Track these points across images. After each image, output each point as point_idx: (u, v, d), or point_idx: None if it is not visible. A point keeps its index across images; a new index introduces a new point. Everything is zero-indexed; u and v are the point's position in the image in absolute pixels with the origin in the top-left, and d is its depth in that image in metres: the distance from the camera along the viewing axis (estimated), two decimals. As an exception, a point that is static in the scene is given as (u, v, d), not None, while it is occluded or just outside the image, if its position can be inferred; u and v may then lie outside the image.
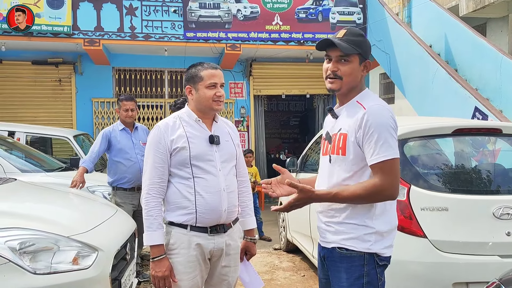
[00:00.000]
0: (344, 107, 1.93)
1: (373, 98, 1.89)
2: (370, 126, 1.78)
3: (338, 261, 1.86)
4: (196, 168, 2.18)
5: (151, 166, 2.21)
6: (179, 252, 2.19)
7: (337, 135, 1.90)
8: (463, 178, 2.99)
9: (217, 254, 2.25)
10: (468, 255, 2.72)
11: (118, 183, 4.18)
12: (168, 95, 9.50)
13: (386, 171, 1.77)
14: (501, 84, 6.45)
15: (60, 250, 2.37)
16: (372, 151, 1.78)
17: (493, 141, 3.37)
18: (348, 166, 1.85)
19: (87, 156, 4.17)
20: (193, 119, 2.26)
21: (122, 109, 4.22)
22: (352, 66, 1.87)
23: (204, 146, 2.22)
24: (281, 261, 5.12)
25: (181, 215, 2.19)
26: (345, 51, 1.85)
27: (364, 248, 1.82)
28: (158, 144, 2.20)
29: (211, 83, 2.21)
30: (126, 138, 4.24)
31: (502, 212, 2.74)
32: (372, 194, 1.78)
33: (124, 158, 4.17)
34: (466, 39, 7.35)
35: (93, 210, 3.08)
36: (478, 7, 10.59)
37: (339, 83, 1.88)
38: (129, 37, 8.25)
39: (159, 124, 2.26)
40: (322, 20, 8.57)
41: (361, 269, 1.82)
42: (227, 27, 8.38)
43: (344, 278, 1.84)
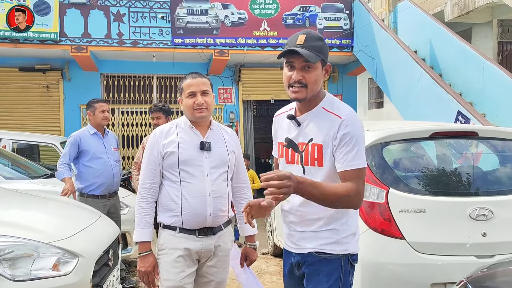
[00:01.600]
0: (309, 115, 1.88)
1: (343, 105, 1.89)
2: (347, 134, 1.78)
3: (317, 264, 1.89)
4: (183, 172, 2.29)
5: (145, 169, 2.36)
6: (167, 252, 2.30)
7: (308, 145, 1.86)
8: (439, 181, 3.05)
9: (205, 255, 2.34)
10: (445, 256, 2.77)
11: (89, 189, 4.03)
12: (156, 101, 9.49)
13: (360, 179, 1.80)
14: (484, 88, 6.56)
15: (40, 257, 2.38)
16: (346, 157, 1.78)
17: (476, 144, 3.43)
18: (323, 176, 1.84)
19: (63, 168, 3.96)
20: (187, 126, 2.39)
21: (98, 111, 4.12)
22: (317, 73, 1.82)
23: (193, 151, 2.33)
24: (269, 265, 5.14)
25: (169, 217, 2.31)
26: (311, 60, 1.78)
27: (341, 250, 1.87)
28: (152, 148, 2.35)
29: (189, 92, 2.34)
30: (98, 143, 4.13)
31: (478, 213, 2.79)
32: (347, 197, 1.76)
33: (97, 163, 4.05)
34: (451, 44, 7.47)
35: (76, 216, 3.09)
36: (462, 12, 10.74)
37: (305, 92, 1.82)
38: (117, 43, 8.27)
39: (155, 131, 2.42)
40: (309, 26, 8.64)
41: (339, 270, 1.87)
42: (215, 33, 8.44)
43: (324, 280, 1.87)
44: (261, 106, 12.06)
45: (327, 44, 1.92)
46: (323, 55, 1.84)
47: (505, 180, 3.08)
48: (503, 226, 2.81)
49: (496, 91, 6.33)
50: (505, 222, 2.82)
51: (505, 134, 3.11)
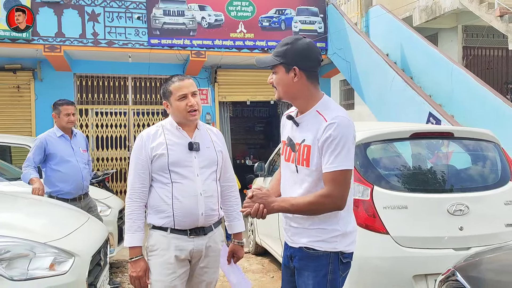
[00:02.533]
0: (305, 117, 1.97)
1: (333, 108, 1.93)
2: (330, 136, 1.82)
3: (306, 259, 1.96)
4: (174, 174, 2.28)
5: (133, 173, 2.33)
6: (158, 254, 2.28)
7: (301, 145, 1.95)
8: (420, 178, 3.23)
9: (196, 255, 2.34)
10: (426, 249, 2.95)
11: (58, 193, 3.90)
12: (132, 102, 9.43)
13: (336, 181, 1.83)
14: (453, 91, 6.89)
15: (36, 257, 2.39)
16: (327, 160, 1.84)
17: (446, 144, 3.64)
18: (311, 177, 1.91)
19: (29, 169, 3.83)
20: (174, 127, 2.37)
21: (63, 114, 3.97)
22: (278, 77, 1.93)
23: (182, 152, 2.32)
24: (250, 264, 5.23)
25: (161, 218, 2.30)
26: (259, 65, 1.99)
27: (330, 248, 1.92)
28: (140, 152, 2.32)
29: (180, 95, 2.31)
30: (65, 145, 4.00)
31: (455, 209, 2.98)
32: (319, 203, 1.85)
33: (65, 167, 3.92)
34: (420, 48, 7.78)
35: (66, 217, 3.08)
36: (430, 18, 11.18)
37: (277, 93, 1.99)
38: (92, 43, 8.16)
39: (142, 134, 2.38)
40: (285, 29, 8.81)
41: (327, 267, 1.92)
42: (191, 34, 8.46)
43: (311, 276, 1.94)
44: (237, 107, 12.15)
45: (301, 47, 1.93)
46: (284, 59, 1.91)
47: (479, 177, 3.30)
48: (478, 220, 3.01)
49: (464, 93, 6.66)
50: (480, 216, 3.02)
51: (478, 134, 3.32)
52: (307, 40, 1.96)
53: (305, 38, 1.96)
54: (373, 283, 2.87)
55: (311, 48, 1.93)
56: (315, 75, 1.98)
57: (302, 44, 1.92)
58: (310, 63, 1.93)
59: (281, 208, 1.92)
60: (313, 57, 1.93)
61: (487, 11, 9.38)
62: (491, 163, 3.30)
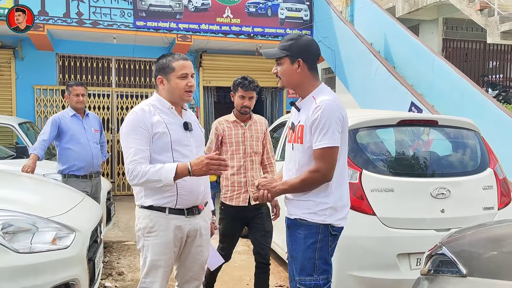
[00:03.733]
0: (303, 102, 2.25)
1: (325, 93, 2.18)
2: (318, 117, 2.09)
3: (298, 229, 2.21)
4: (176, 153, 2.29)
5: (134, 149, 2.20)
6: (158, 235, 2.30)
7: (297, 126, 2.22)
8: (405, 163, 3.40)
9: (192, 234, 2.40)
10: (410, 229, 3.12)
11: (69, 170, 4.11)
12: (115, 84, 9.36)
13: (323, 157, 2.10)
14: (434, 81, 7.11)
15: (39, 231, 2.45)
16: (315, 139, 2.10)
17: (427, 132, 3.82)
18: (305, 153, 2.18)
19: (36, 144, 4.04)
20: (166, 107, 2.34)
21: (73, 94, 4.19)
22: (284, 67, 2.23)
23: (180, 132, 2.34)
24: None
25: (161, 198, 2.29)
26: (266, 57, 2.29)
27: (320, 220, 2.17)
28: (138, 128, 2.22)
29: (183, 73, 2.30)
30: (77, 124, 4.20)
31: (437, 192, 3.16)
32: (309, 178, 2.12)
33: (76, 145, 4.12)
34: (403, 39, 7.97)
35: (64, 195, 3.14)
36: (412, 9, 11.39)
37: (281, 82, 2.29)
38: (76, 23, 8.04)
39: (135, 110, 2.30)
40: (271, 15, 8.85)
41: (316, 236, 2.17)
42: (178, 18, 8.42)
43: (301, 242, 2.19)
44: (220, 92, 12.17)
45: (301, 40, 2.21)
46: (290, 51, 2.19)
47: (460, 163, 3.49)
48: (458, 203, 3.20)
49: (444, 84, 6.89)
50: (460, 200, 3.21)
51: (460, 123, 3.51)
52: (309, 37, 2.32)
53: (307, 35, 2.34)
54: (360, 261, 3.04)
55: (313, 44, 2.25)
56: (315, 67, 2.27)
57: (305, 40, 2.23)
58: (311, 56, 2.23)
59: (282, 191, 2.22)
60: (314, 52, 2.24)
61: (467, 4, 9.64)
62: (471, 150, 3.49)
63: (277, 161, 4.45)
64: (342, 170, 2.22)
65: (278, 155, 4.48)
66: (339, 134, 2.11)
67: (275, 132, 5.10)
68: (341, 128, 2.13)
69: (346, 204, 2.26)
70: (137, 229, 2.37)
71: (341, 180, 2.21)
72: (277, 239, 4.33)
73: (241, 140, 3.26)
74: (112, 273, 4.29)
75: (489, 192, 3.31)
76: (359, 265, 3.06)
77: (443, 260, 2.02)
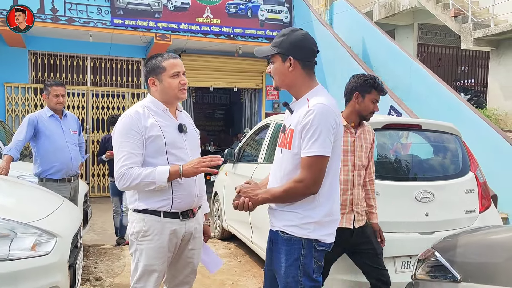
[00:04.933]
0: (297, 104, 2.03)
1: (320, 95, 1.96)
2: (309, 122, 1.87)
3: (280, 243, 2.01)
4: (171, 156, 2.24)
5: (127, 154, 2.16)
6: (152, 239, 2.24)
7: (287, 129, 2.02)
8: (390, 167, 3.42)
9: (186, 238, 2.36)
10: (395, 233, 3.14)
11: (47, 173, 3.93)
12: (90, 83, 9.13)
13: (310, 166, 1.88)
14: (411, 85, 7.24)
15: (17, 237, 2.33)
16: (304, 145, 1.89)
17: (406, 135, 3.87)
18: (291, 160, 1.97)
19: (11, 144, 3.84)
20: (160, 109, 2.29)
21: (52, 95, 4.00)
22: (275, 66, 2.03)
23: (175, 134, 2.29)
24: (217, 248, 5.30)
25: (156, 202, 2.23)
26: (258, 54, 2.09)
27: (302, 234, 1.95)
28: (130, 131, 2.18)
29: (174, 72, 2.27)
30: (55, 125, 4.02)
31: (422, 196, 3.19)
32: (293, 188, 1.91)
33: (54, 147, 3.94)
34: (381, 43, 8.08)
35: (43, 198, 3.01)
36: (389, 14, 11.60)
37: (274, 82, 2.08)
38: (51, 19, 7.81)
39: (128, 113, 2.24)
40: (251, 16, 8.83)
41: (299, 252, 1.95)
42: (157, 16, 8.29)
43: (283, 259, 1.99)
44: (197, 93, 12.07)
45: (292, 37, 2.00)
46: (280, 48, 1.99)
47: (443, 167, 3.54)
48: (442, 207, 3.24)
49: (421, 88, 7.02)
50: (443, 203, 3.25)
51: (442, 127, 3.55)
52: (303, 31, 2.04)
53: (301, 30, 2.04)
54: (345, 265, 3.03)
55: (306, 39, 2.01)
56: (310, 65, 2.03)
57: (297, 35, 2.00)
58: (304, 53, 1.99)
59: (264, 200, 1.99)
60: (307, 48, 2.00)
61: (442, 11, 9.87)
62: (453, 155, 3.55)
63: (261, 163, 4.42)
64: (333, 183, 2.00)
65: (262, 157, 4.44)
66: (330, 143, 1.90)
67: (257, 134, 5.06)
68: (333, 137, 1.92)
69: (336, 219, 2.03)
70: (130, 233, 2.30)
71: (331, 193, 1.99)
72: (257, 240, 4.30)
73: (350, 150, 2.78)
74: (90, 279, 4.16)
75: (471, 195, 3.36)
76: (344, 268, 3.05)
77: (436, 265, 2.03)
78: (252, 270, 4.62)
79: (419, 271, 2.16)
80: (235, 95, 11.42)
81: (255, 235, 4.41)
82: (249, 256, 5.00)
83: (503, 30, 8.54)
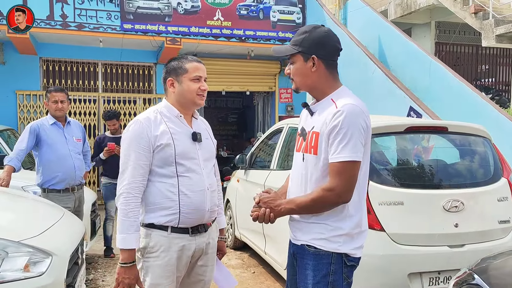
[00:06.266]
0: (319, 105, 1.89)
1: (347, 96, 1.83)
2: (338, 124, 1.73)
3: (306, 258, 1.85)
4: (180, 166, 2.08)
5: (133, 164, 2.04)
6: (159, 256, 2.07)
7: (310, 133, 1.87)
8: (416, 174, 3.16)
9: (197, 254, 2.18)
10: (421, 246, 2.88)
11: (49, 184, 3.76)
12: (102, 89, 9.03)
13: (341, 173, 1.73)
14: (430, 85, 6.92)
15: (9, 257, 2.16)
16: (334, 149, 1.75)
17: (427, 138, 3.59)
18: (320, 166, 1.81)
19: (13, 154, 3.68)
20: (174, 115, 2.15)
21: (51, 101, 3.83)
22: (296, 66, 1.88)
23: (187, 143, 2.13)
24: (230, 258, 5.08)
25: (163, 216, 2.07)
26: (277, 54, 1.96)
27: (332, 248, 1.81)
28: (139, 140, 2.05)
29: (196, 76, 2.14)
30: (58, 133, 3.85)
31: (451, 205, 2.92)
32: (322, 197, 1.75)
33: (56, 156, 3.78)
34: (398, 42, 7.78)
35: (41, 212, 2.83)
36: (405, 12, 11.27)
37: (294, 83, 1.92)
38: (60, 25, 7.72)
39: (139, 119, 2.10)
40: (263, 18, 8.62)
41: (328, 268, 1.81)
42: (167, 20, 8.15)
43: (310, 275, 1.83)
44: (210, 97, 11.90)
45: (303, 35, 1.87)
46: (302, 47, 1.85)
47: (473, 173, 3.25)
48: (472, 217, 2.97)
49: (441, 88, 6.70)
50: (474, 213, 2.98)
51: (471, 129, 3.28)
52: (325, 28, 1.89)
53: (324, 27, 1.89)
54: (367, 282, 2.77)
55: (329, 36, 1.87)
56: (334, 65, 1.90)
57: (320, 32, 1.87)
58: (328, 52, 1.86)
59: (288, 211, 1.84)
60: (331, 45, 1.87)
61: (461, 7, 9.51)
62: (484, 159, 3.26)
63: (274, 170, 4.19)
64: (362, 191, 1.85)
65: (274, 164, 4.21)
66: (362, 146, 1.75)
67: (269, 139, 4.83)
68: (364, 140, 1.77)
69: (364, 230, 1.88)
70: (136, 250, 2.11)
71: (361, 202, 1.84)
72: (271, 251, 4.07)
73: None
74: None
75: (504, 204, 3.08)
76: (366, 286, 2.80)
77: (475, 290, 1.78)
78: (266, 282, 4.38)
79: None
80: (248, 99, 11.23)
81: (268, 245, 4.18)
82: (263, 267, 4.76)
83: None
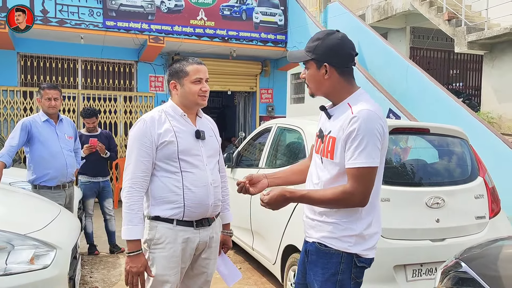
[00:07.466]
0: (336, 109, 1.91)
1: (364, 101, 1.83)
2: (354, 130, 1.75)
3: (317, 255, 1.90)
4: (184, 163, 2.19)
5: (135, 160, 2.16)
6: (165, 247, 2.18)
7: (327, 137, 1.89)
8: (399, 172, 3.33)
9: (201, 247, 2.28)
10: (406, 240, 3.05)
11: (41, 180, 3.78)
12: (82, 86, 8.93)
13: (360, 178, 1.75)
14: (407, 88, 7.19)
15: (15, 250, 2.20)
16: (351, 155, 1.76)
17: (406, 139, 3.78)
18: (335, 170, 1.85)
19: (4, 150, 3.67)
20: (178, 114, 2.26)
21: (44, 98, 3.85)
22: (310, 73, 1.90)
23: (191, 141, 2.24)
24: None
25: (168, 210, 2.18)
26: (291, 60, 1.99)
27: (342, 248, 1.84)
28: (143, 138, 2.16)
29: (197, 78, 2.23)
30: (50, 130, 3.88)
31: (432, 202, 3.11)
32: (341, 199, 1.78)
33: (48, 152, 3.80)
34: (377, 46, 8.03)
35: (40, 207, 2.86)
36: (382, 17, 11.62)
37: (309, 89, 1.96)
38: (41, 21, 7.60)
39: (144, 118, 2.22)
40: (246, 19, 8.73)
41: (337, 267, 1.84)
42: (150, 19, 8.14)
43: (319, 272, 1.88)
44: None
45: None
46: (315, 54, 1.85)
47: (453, 172, 3.46)
48: (453, 213, 3.16)
49: (418, 91, 6.98)
50: (454, 209, 3.17)
51: (451, 131, 3.49)
52: (339, 34, 1.88)
53: (338, 33, 1.89)
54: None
55: (343, 43, 1.86)
56: (349, 71, 1.91)
57: (333, 39, 1.86)
58: (341, 59, 1.86)
59: (302, 198, 1.87)
60: (345, 53, 1.86)
61: (436, 14, 9.89)
62: (462, 159, 3.48)
63: (262, 168, 4.31)
64: (375, 193, 1.85)
65: (263, 162, 4.33)
66: (378, 151, 1.77)
67: (257, 139, 4.95)
68: (381, 144, 1.79)
69: (376, 232, 1.91)
70: (143, 241, 2.22)
71: (375, 205, 1.88)
72: (259, 247, 4.19)
73: None
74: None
75: (481, 201, 3.29)
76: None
77: (463, 277, 1.93)
78: (253, 277, 4.50)
79: (443, 283, 2.06)
80: (228, 98, 11.30)
81: (256, 241, 4.30)
82: (249, 263, 4.87)
83: (497, 34, 8.58)
